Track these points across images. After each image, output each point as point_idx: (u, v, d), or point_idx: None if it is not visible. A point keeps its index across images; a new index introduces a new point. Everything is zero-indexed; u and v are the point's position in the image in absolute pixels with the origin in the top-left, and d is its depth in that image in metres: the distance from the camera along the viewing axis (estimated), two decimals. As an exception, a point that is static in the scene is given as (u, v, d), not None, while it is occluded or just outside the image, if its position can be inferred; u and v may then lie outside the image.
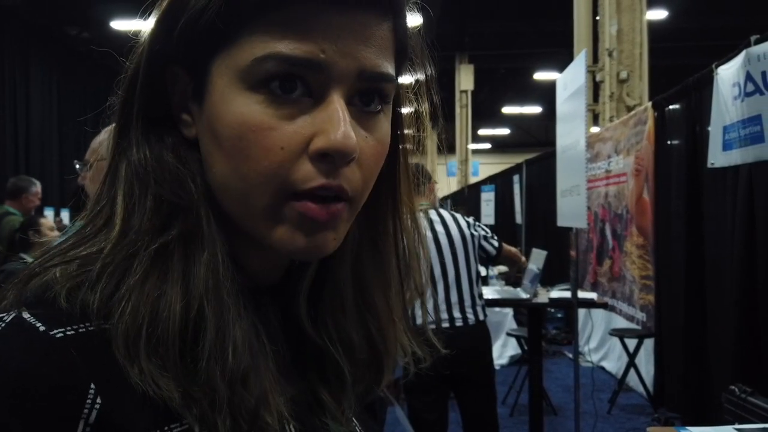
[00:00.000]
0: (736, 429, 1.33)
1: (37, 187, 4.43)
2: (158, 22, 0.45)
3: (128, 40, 0.47)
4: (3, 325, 0.40)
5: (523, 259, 3.40)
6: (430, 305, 2.68)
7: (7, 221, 3.95)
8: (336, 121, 0.41)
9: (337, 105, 0.42)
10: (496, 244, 2.93)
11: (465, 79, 14.36)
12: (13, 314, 0.40)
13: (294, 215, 0.43)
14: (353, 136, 0.42)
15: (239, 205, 0.44)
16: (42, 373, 0.38)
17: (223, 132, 0.42)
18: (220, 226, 0.44)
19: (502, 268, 4.83)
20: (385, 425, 2.92)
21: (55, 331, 0.39)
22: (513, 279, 4.49)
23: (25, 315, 0.40)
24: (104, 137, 1.47)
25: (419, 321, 2.44)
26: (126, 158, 0.45)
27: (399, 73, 0.49)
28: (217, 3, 0.41)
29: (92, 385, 0.38)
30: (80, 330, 0.40)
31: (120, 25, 9.89)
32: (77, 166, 1.51)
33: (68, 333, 0.40)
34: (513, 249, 3.19)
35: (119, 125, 0.46)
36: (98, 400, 0.38)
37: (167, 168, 0.45)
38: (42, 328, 0.39)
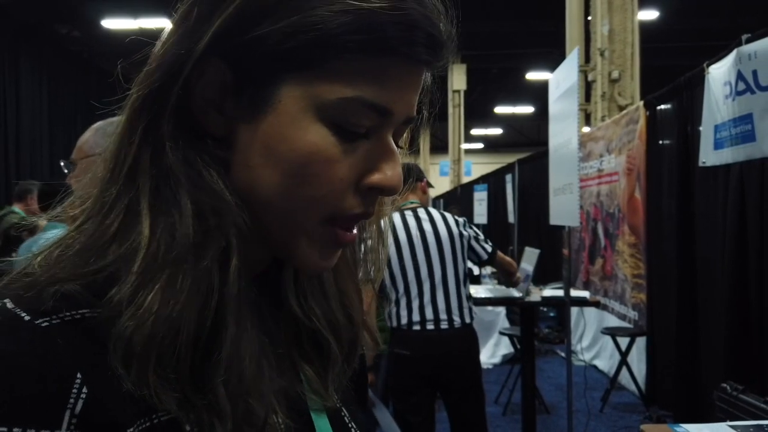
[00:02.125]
0: (729, 426, 1.34)
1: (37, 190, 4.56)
2: (228, 21, 0.42)
3: (118, 39, 0.46)
4: None
5: (518, 275, 3.35)
6: (416, 305, 2.66)
7: (8, 219, 4.02)
8: (392, 162, 0.46)
9: (392, 145, 0.47)
10: (489, 249, 2.86)
11: (457, 79, 14.37)
12: None
13: (325, 237, 0.46)
14: (402, 176, 0.47)
15: (277, 220, 0.46)
16: (26, 362, 0.37)
17: (287, 155, 0.43)
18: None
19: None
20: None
21: (40, 320, 0.39)
22: (502, 281, 4.49)
23: (9, 305, 0.39)
24: (89, 136, 1.45)
25: (404, 321, 2.43)
26: (154, 156, 0.43)
27: None
28: (308, 36, 0.42)
29: (78, 375, 0.38)
30: (66, 318, 0.39)
31: (111, 23, 9.84)
32: (62, 164, 1.50)
33: (53, 322, 0.39)
34: (509, 259, 3.12)
35: (150, 116, 0.43)
36: (84, 390, 0.38)
37: (201, 170, 0.43)
38: (26, 318, 0.39)
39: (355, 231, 0.48)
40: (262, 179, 0.44)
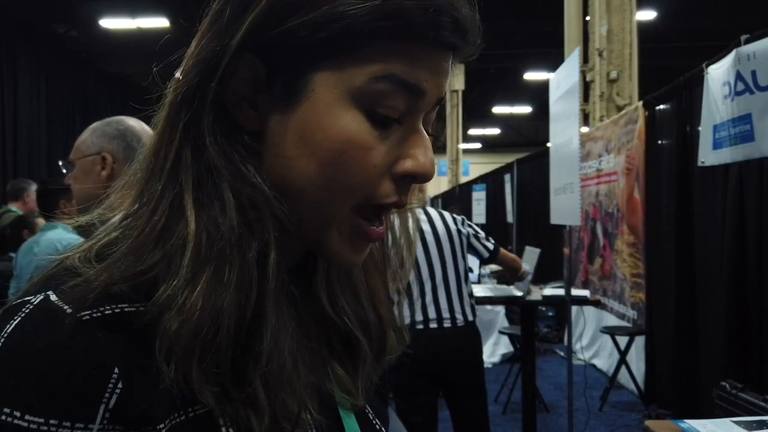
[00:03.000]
0: (732, 421, 1.35)
1: (35, 186, 4.52)
2: (260, 16, 0.43)
3: (117, 38, 0.46)
4: (30, 306, 0.40)
5: (523, 269, 3.35)
6: (418, 305, 2.66)
7: (6, 218, 3.99)
8: (424, 148, 0.46)
9: (423, 131, 0.47)
10: (490, 246, 2.87)
11: (456, 79, 14.33)
12: (41, 296, 0.40)
13: (353, 228, 0.47)
14: (435, 163, 0.47)
15: (311, 209, 0.46)
16: (67, 354, 0.38)
17: (322, 143, 0.44)
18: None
19: (495, 267, 4.85)
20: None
21: (82, 314, 0.39)
22: (507, 278, 4.50)
23: (53, 297, 0.40)
24: (87, 136, 1.46)
25: (407, 321, 2.42)
26: (195, 152, 0.44)
27: None
28: (340, 24, 0.42)
29: (116, 369, 0.39)
30: (106, 312, 0.40)
31: (109, 23, 9.82)
32: (60, 164, 1.50)
33: (95, 315, 0.40)
34: (512, 255, 3.11)
35: (190, 113, 0.44)
36: (120, 385, 0.38)
37: (239, 164, 0.44)
38: (69, 310, 0.39)
39: (383, 227, 0.48)
40: (297, 170, 0.45)
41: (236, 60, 0.44)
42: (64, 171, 1.51)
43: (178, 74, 0.46)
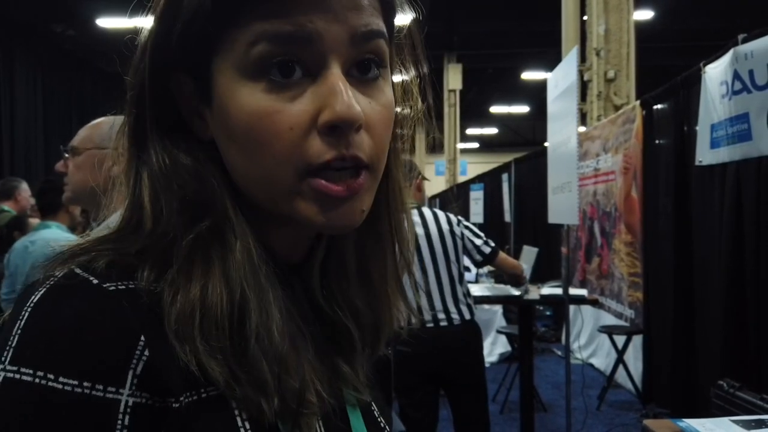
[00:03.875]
0: (731, 420, 1.35)
1: (25, 184, 4.49)
2: (154, 35, 0.46)
3: (114, 38, 0.49)
4: (55, 279, 0.41)
5: (525, 276, 3.33)
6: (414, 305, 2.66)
7: (2, 218, 3.97)
8: (337, 92, 0.42)
9: (335, 76, 0.43)
10: (486, 250, 2.82)
11: (453, 78, 14.38)
12: (66, 270, 0.42)
13: (312, 193, 0.44)
14: (356, 104, 0.43)
15: (263, 191, 0.46)
16: (97, 320, 0.39)
17: (235, 126, 0.44)
18: (247, 216, 0.46)
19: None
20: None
21: (108, 284, 0.41)
22: (506, 281, 4.49)
23: (77, 270, 0.42)
24: (106, 129, 1.44)
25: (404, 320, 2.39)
26: (147, 168, 0.47)
27: (391, 32, 0.50)
28: (206, 7, 0.42)
29: (142, 338, 0.40)
30: (130, 286, 0.42)
31: (106, 22, 9.79)
32: (62, 148, 1.48)
33: (120, 287, 0.41)
34: (512, 262, 3.06)
35: (135, 138, 0.47)
36: (146, 353, 0.39)
37: (186, 170, 0.46)
38: (95, 282, 0.41)
39: (357, 180, 0.44)
40: (235, 160, 0.45)
41: (175, 81, 0.47)
42: (66, 155, 1.48)
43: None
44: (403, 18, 0.51)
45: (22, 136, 9.96)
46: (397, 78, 0.54)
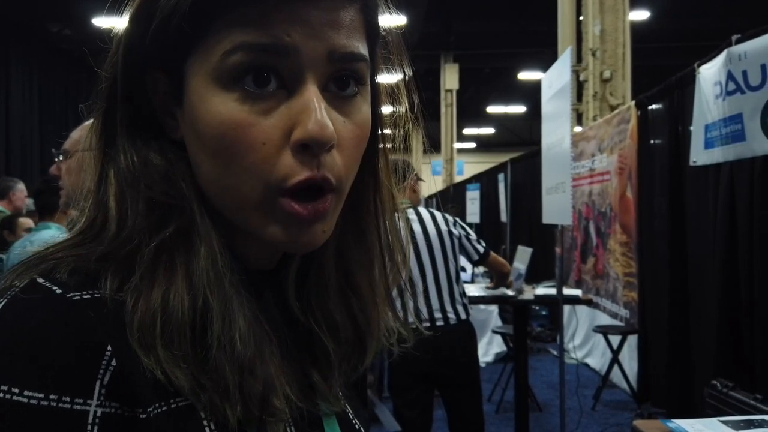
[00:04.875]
0: (720, 420, 1.35)
1: (21, 185, 4.48)
2: (130, 30, 0.45)
3: (110, 37, 0.48)
4: (16, 289, 0.40)
5: (510, 279, 3.36)
6: (410, 305, 2.67)
7: None
8: (311, 111, 0.42)
9: (311, 93, 0.42)
10: (481, 249, 2.87)
11: (450, 78, 14.39)
12: (27, 280, 0.41)
13: (282, 213, 0.44)
14: (329, 124, 0.42)
15: (230, 200, 0.45)
16: (62, 330, 0.38)
17: (204, 132, 0.43)
18: (214, 220, 0.45)
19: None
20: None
21: (71, 294, 0.40)
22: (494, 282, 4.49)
23: (39, 280, 0.41)
24: (81, 134, 1.44)
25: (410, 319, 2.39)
26: (115, 165, 0.46)
27: (373, 52, 0.49)
28: (184, 5, 0.41)
29: (109, 347, 0.39)
30: (95, 295, 0.41)
31: (102, 22, 9.76)
32: (53, 152, 1.48)
33: (84, 296, 0.40)
34: (502, 260, 3.09)
35: (104, 134, 0.47)
36: (113, 362, 0.39)
37: (156, 171, 0.45)
38: (58, 291, 0.40)
39: (323, 203, 0.44)
40: (203, 165, 0.45)
41: (150, 78, 0.46)
42: (59, 159, 1.48)
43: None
44: (390, 19, 0.50)
45: (18, 135, 9.92)
46: (391, 78, 0.54)
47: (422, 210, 2.80)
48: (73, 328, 0.38)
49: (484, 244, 2.91)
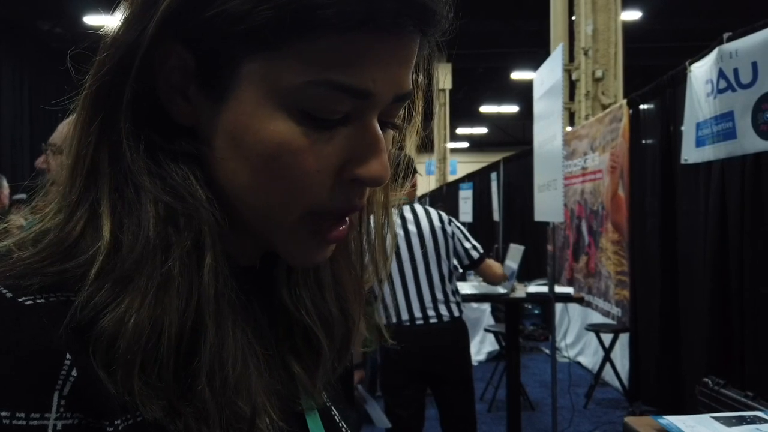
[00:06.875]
0: (712, 417, 1.35)
1: (4, 181, 4.43)
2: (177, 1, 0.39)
3: (103, 36, 0.42)
4: None
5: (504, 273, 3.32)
6: (403, 303, 2.66)
7: None
8: (378, 152, 0.41)
9: (377, 131, 0.41)
10: (474, 255, 2.81)
11: (443, 78, 14.34)
12: None
13: (310, 233, 0.43)
14: (389, 166, 0.42)
15: (257, 215, 0.42)
16: (11, 339, 0.35)
17: (254, 147, 0.40)
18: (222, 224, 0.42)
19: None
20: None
21: (24, 299, 0.36)
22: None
23: None
24: (70, 127, 1.42)
25: (393, 318, 2.42)
26: (112, 154, 0.40)
27: None
28: (267, 11, 0.37)
29: (68, 355, 0.35)
30: (51, 299, 0.37)
31: (93, 20, 9.71)
32: (43, 145, 1.47)
33: (38, 301, 0.37)
34: (497, 270, 3.03)
35: (104, 114, 0.40)
36: (73, 372, 0.35)
37: (166, 167, 0.40)
38: (9, 295, 0.36)
39: (345, 226, 0.43)
40: (233, 174, 0.41)
41: (163, 49, 0.40)
42: (48, 153, 1.46)
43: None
44: None
45: (8, 134, 9.86)
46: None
47: (417, 207, 2.80)
48: (25, 337, 0.35)
49: (481, 251, 2.85)
